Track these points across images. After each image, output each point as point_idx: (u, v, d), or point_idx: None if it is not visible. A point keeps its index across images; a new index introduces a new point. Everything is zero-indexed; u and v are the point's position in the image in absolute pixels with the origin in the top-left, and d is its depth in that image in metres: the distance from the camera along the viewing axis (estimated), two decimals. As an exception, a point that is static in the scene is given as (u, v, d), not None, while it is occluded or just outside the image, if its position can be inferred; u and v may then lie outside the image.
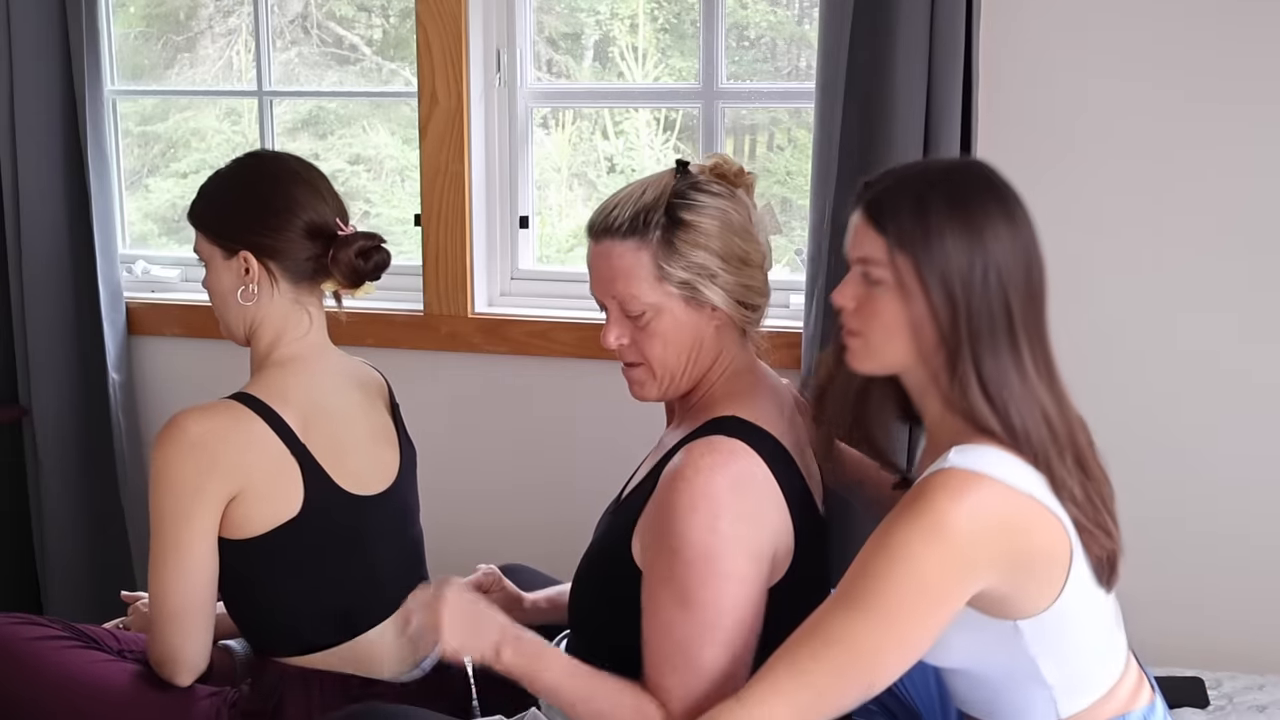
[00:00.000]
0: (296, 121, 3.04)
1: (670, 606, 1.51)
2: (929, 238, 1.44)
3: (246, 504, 1.74)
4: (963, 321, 1.44)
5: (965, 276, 1.44)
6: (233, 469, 1.72)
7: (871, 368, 1.53)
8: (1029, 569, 1.46)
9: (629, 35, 2.78)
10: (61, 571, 2.91)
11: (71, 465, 2.90)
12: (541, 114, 2.84)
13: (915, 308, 1.45)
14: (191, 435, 1.71)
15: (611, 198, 1.64)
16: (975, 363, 1.44)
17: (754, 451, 1.55)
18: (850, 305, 1.51)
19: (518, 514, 2.71)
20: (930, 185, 1.47)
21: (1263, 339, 2.30)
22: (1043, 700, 1.53)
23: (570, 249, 2.91)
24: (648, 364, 1.64)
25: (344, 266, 1.80)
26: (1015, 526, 1.44)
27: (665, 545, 1.51)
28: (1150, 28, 2.28)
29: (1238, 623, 2.34)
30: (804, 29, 2.69)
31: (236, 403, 1.76)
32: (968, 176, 1.50)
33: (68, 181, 2.83)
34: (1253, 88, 2.25)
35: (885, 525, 1.44)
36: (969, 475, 1.42)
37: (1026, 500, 1.44)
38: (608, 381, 2.63)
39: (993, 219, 1.46)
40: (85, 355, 2.88)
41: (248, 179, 1.84)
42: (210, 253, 1.83)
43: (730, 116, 2.69)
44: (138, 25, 3.09)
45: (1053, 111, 2.33)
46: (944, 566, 1.40)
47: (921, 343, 1.47)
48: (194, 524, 1.72)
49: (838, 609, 1.44)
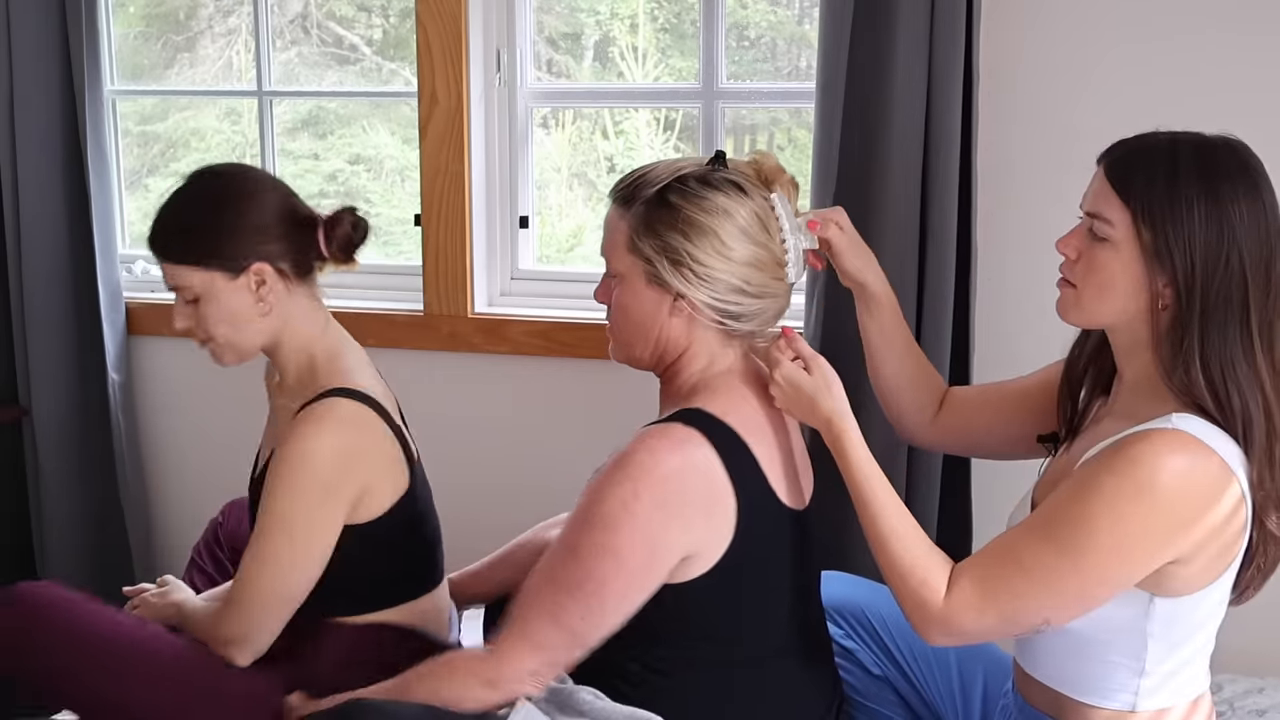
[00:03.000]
0: (296, 121, 3.03)
1: (553, 556, 1.58)
2: (1175, 209, 1.45)
3: (373, 491, 1.81)
4: (1198, 297, 1.46)
5: (1207, 253, 1.45)
6: (370, 465, 1.79)
7: (1075, 319, 1.59)
8: (1207, 550, 1.48)
9: (629, 35, 2.78)
10: (61, 571, 2.91)
11: (71, 465, 2.90)
12: (541, 114, 2.83)
13: (1145, 273, 1.48)
14: (345, 429, 1.76)
15: (640, 166, 1.69)
16: (1202, 338, 1.46)
17: (706, 440, 1.57)
18: (1072, 255, 1.55)
19: (517, 513, 2.71)
20: (1182, 157, 1.48)
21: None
22: (1128, 684, 1.56)
23: (570, 249, 2.91)
24: (610, 325, 1.71)
25: (341, 241, 1.84)
26: (1219, 504, 1.46)
27: (582, 504, 1.57)
28: (1150, 28, 2.28)
29: (1237, 624, 2.33)
30: (804, 29, 2.69)
31: (350, 401, 1.79)
32: (1222, 153, 1.50)
33: (68, 181, 2.83)
34: (1254, 97, 2.24)
35: (1097, 468, 1.47)
36: (1190, 440, 1.45)
37: (1233, 482, 1.47)
38: (608, 381, 2.64)
39: (1240, 200, 1.46)
40: (85, 355, 2.88)
41: (225, 195, 1.82)
42: (208, 280, 1.79)
43: (730, 116, 2.69)
44: (137, 25, 3.09)
45: (1053, 112, 2.33)
46: (1147, 525, 1.44)
47: (1138, 306, 1.50)
48: (329, 518, 1.77)
49: (1033, 538, 1.49)
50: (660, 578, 1.57)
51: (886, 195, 2.31)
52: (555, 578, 1.56)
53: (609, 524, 1.53)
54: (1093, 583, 1.48)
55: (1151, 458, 1.44)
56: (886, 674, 1.91)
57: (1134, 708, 1.57)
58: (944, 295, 2.31)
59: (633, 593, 1.56)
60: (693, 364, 1.67)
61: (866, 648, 1.92)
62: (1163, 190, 1.46)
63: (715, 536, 1.58)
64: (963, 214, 2.30)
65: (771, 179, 1.67)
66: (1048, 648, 1.62)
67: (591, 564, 1.53)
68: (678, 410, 1.62)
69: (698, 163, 1.66)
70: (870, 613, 1.92)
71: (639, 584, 1.56)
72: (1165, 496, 1.43)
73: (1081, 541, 1.45)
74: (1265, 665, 2.21)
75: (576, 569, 1.54)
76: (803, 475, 1.73)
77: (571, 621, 1.55)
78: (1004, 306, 2.38)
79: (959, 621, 1.52)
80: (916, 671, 1.90)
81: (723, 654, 1.64)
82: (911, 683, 1.90)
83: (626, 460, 1.55)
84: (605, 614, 1.56)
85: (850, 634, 1.93)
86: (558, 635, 1.56)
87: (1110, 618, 1.54)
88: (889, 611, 1.91)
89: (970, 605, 1.51)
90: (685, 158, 1.70)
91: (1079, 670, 1.59)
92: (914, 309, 2.33)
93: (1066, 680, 1.61)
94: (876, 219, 2.31)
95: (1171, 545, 1.46)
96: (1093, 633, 1.56)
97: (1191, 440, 1.45)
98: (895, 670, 1.91)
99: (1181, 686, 1.59)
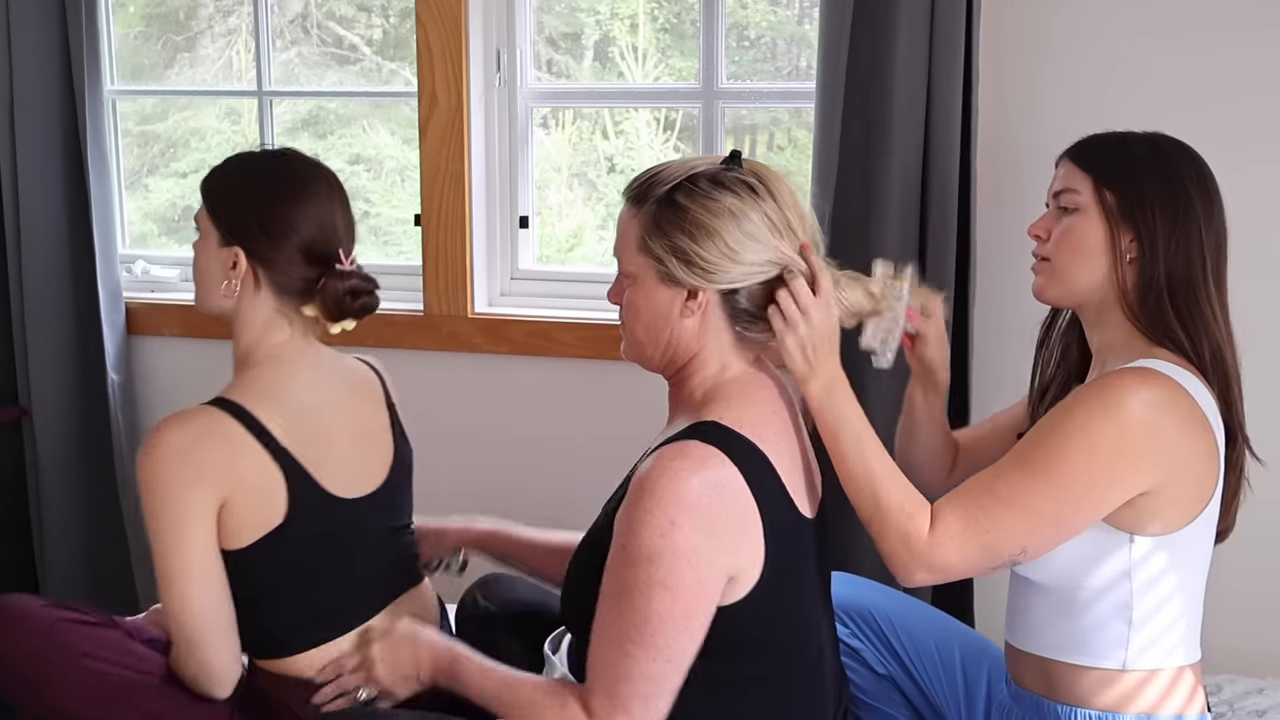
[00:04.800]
0: (296, 121, 3.03)
1: (607, 601, 1.54)
2: (1133, 172, 1.64)
3: (235, 512, 1.70)
4: (1160, 248, 1.61)
5: (1165, 205, 1.62)
6: (219, 476, 1.69)
7: (1054, 294, 1.71)
8: (1180, 481, 1.57)
9: (629, 35, 2.78)
10: (61, 571, 2.92)
11: (71, 465, 2.90)
12: (541, 114, 2.83)
13: (1111, 234, 1.64)
14: (174, 445, 1.67)
15: (654, 165, 1.68)
16: (1169, 281, 1.61)
17: (727, 458, 1.54)
18: (1043, 235, 1.71)
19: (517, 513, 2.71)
20: (1133, 139, 1.69)
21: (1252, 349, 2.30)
22: (1119, 638, 1.61)
23: (570, 249, 2.91)
24: (623, 324, 1.69)
25: (330, 298, 1.76)
26: (1188, 432, 1.57)
27: (619, 542, 1.53)
28: (1150, 28, 2.28)
29: (1236, 625, 2.34)
30: (804, 29, 2.69)
31: (215, 409, 1.72)
32: (1166, 138, 1.70)
33: (68, 181, 2.83)
34: (1256, 95, 2.24)
35: (1069, 401, 1.58)
36: (1155, 373, 1.57)
37: (1201, 415, 1.57)
38: (608, 381, 2.64)
39: (1185, 164, 1.66)
40: (85, 355, 2.88)
41: (270, 181, 1.80)
42: (208, 230, 1.80)
43: (730, 116, 2.69)
44: (137, 25, 3.09)
45: (1053, 112, 2.33)
46: (1119, 446, 1.53)
47: (1108, 266, 1.64)
48: (194, 536, 1.68)
49: (1009, 467, 1.58)
50: (714, 599, 1.54)
51: (886, 195, 2.31)
52: (615, 628, 1.52)
53: (651, 557, 1.49)
54: (1067, 504, 1.55)
55: (1121, 390, 1.55)
56: (891, 673, 1.92)
57: (1125, 665, 1.61)
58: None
59: (694, 619, 1.52)
60: (704, 369, 1.64)
61: (872, 647, 1.93)
62: (1119, 160, 1.66)
63: (751, 553, 1.56)
64: (963, 214, 2.30)
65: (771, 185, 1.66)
66: (1036, 614, 1.66)
67: (644, 603, 1.49)
68: (692, 425, 1.59)
69: (712, 162, 1.64)
70: (877, 612, 1.93)
71: (698, 609, 1.52)
72: (1135, 420, 1.54)
73: (1054, 464, 1.54)
74: (1265, 665, 2.22)
75: (631, 613, 1.50)
76: (815, 480, 1.71)
77: (647, 669, 1.51)
78: (1003, 306, 2.38)
79: (943, 555, 1.56)
80: (921, 671, 1.90)
81: (765, 667, 1.62)
82: (916, 682, 1.90)
83: (651, 487, 1.51)
84: (675, 648, 1.52)
85: (856, 633, 1.93)
86: (641, 685, 1.52)
87: (1093, 568, 1.59)
88: (895, 611, 1.92)
89: (954, 535, 1.56)
90: (700, 157, 1.69)
91: (1069, 630, 1.63)
92: (914, 309, 2.34)
93: (1057, 644, 1.64)
94: (876, 219, 2.32)
95: (1142, 470, 1.54)
96: (1077, 587, 1.61)
97: (1160, 375, 1.56)
98: (900, 670, 1.91)
99: (1172, 649, 1.62)
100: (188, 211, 3.14)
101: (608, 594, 1.54)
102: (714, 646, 1.56)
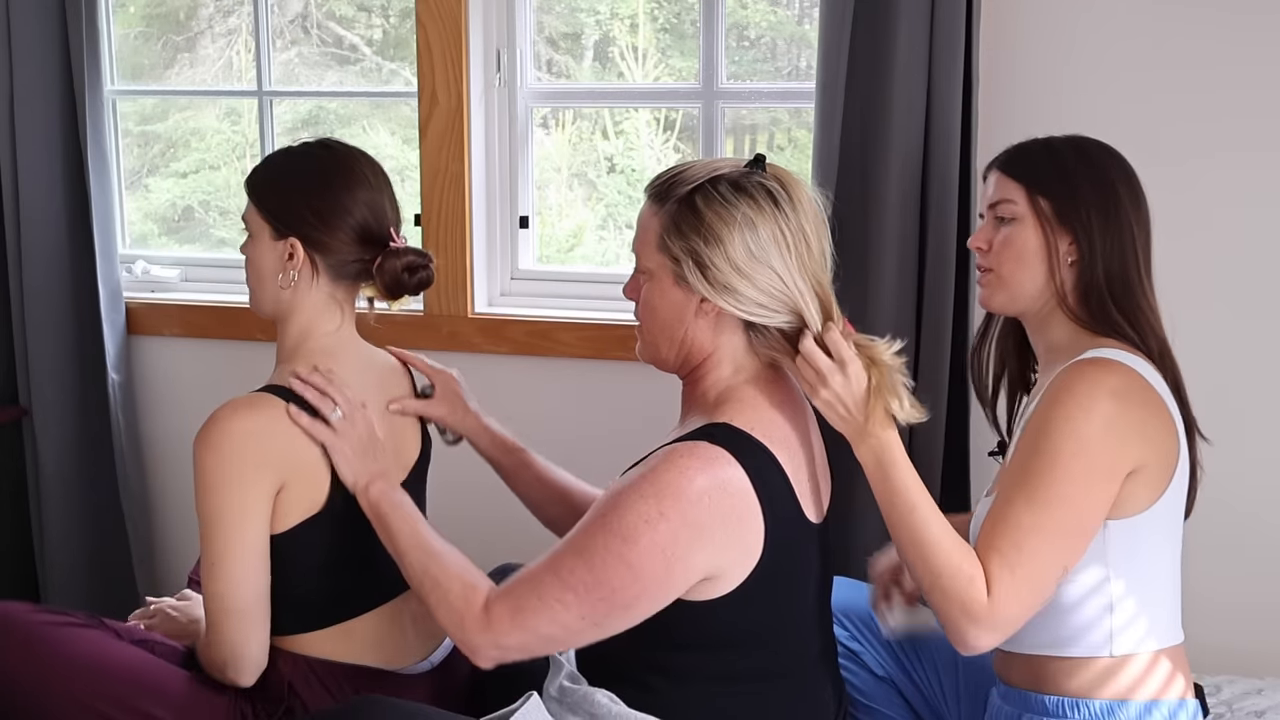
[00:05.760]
0: (296, 121, 3.03)
1: (569, 550, 1.54)
2: (1064, 178, 1.69)
3: (287, 497, 1.74)
4: (1097, 247, 1.66)
5: (1096, 205, 1.67)
6: (282, 461, 1.73)
7: (1000, 301, 1.75)
8: (1156, 457, 1.61)
9: (629, 35, 2.78)
10: (61, 571, 2.91)
11: (71, 465, 2.90)
12: (541, 114, 2.83)
13: (1049, 238, 1.68)
14: (239, 431, 1.70)
15: (678, 163, 1.69)
16: (1107, 277, 1.67)
17: (735, 459, 1.55)
18: (984, 246, 1.75)
19: (518, 512, 2.71)
20: (1056, 144, 1.74)
21: (1249, 346, 2.30)
22: (1099, 624, 1.62)
23: (570, 249, 2.91)
24: (638, 322, 1.70)
25: (388, 277, 1.82)
26: (1151, 409, 1.62)
27: (602, 509, 1.54)
28: (1150, 28, 2.28)
29: (1235, 625, 2.34)
30: (804, 29, 2.69)
31: (273, 395, 1.75)
32: (1087, 139, 1.75)
33: (68, 181, 2.83)
34: (1256, 95, 2.24)
35: (1038, 416, 1.60)
36: (1111, 361, 1.62)
37: (1155, 394, 1.63)
38: (609, 381, 2.64)
39: (1109, 162, 1.72)
40: (85, 355, 2.88)
41: (317, 169, 1.82)
42: (259, 227, 1.82)
43: (730, 116, 2.69)
44: (137, 25, 3.09)
45: (1053, 112, 2.32)
46: (1106, 435, 1.57)
47: (1048, 270, 1.68)
48: (255, 520, 1.72)
49: (1018, 500, 1.58)
50: (673, 594, 1.54)
51: (886, 195, 2.31)
52: (562, 574, 1.53)
53: (627, 535, 1.50)
54: (1085, 509, 1.58)
55: (1089, 382, 1.59)
56: (891, 675, 1.92)
57: (1109, 652, 1.62)
58: (944, 295, 2.31)
59: (639, 604, 1.53)
60: (717, 370, 1.64)
61: (871, 649, 1.93)
62: (1049, 166, 1.71)
63: (741, 557, 1.56)
64: (963, 214, 2.30)
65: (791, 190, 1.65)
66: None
67: (603, 570, 1.51)
68: (705, 425, 1.59)
69: (736, 164, 1.64)
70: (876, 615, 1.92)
71: (649, 596, 1.53)
72: (1112, 407, 1.57)
73: (1059, 480, 1.56)
74: (1265, 665, 2.22)
75: (586, 573, 1.51)
76: (823, 486, 1.72)
77: (570, 621, 1.53)
78: (1004, 306, 2.38)
79: (1005, 610, 1.56)
80: (920, 673, 1.90)
81: (744, 666, 1.62)
82: (915, 684, 1.91)
83: (655, 476, 1.52)
84: (609, 620, 1.54)
85: (855, 635, 1.93)
86: (554, 628, 1.54)
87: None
88: None
89: (1006, 585, 1.56)
90: (725, 159, 1.68)
91: (1053, 623, 1.64)
92: (914, 309, 2.33)
93: (1042, 640, 1.65)
94: (876, 219, 2.32)
95: (1131, 452, 1.59)
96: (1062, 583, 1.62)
97: (1115, 362, 1.61)
98: (899, 672, 1.91)
99: (1150, 631, 1.64)
100: (188, 211, 3.15)
101: (572, 545, 1.54)
102: (682, 640, 1.58)
